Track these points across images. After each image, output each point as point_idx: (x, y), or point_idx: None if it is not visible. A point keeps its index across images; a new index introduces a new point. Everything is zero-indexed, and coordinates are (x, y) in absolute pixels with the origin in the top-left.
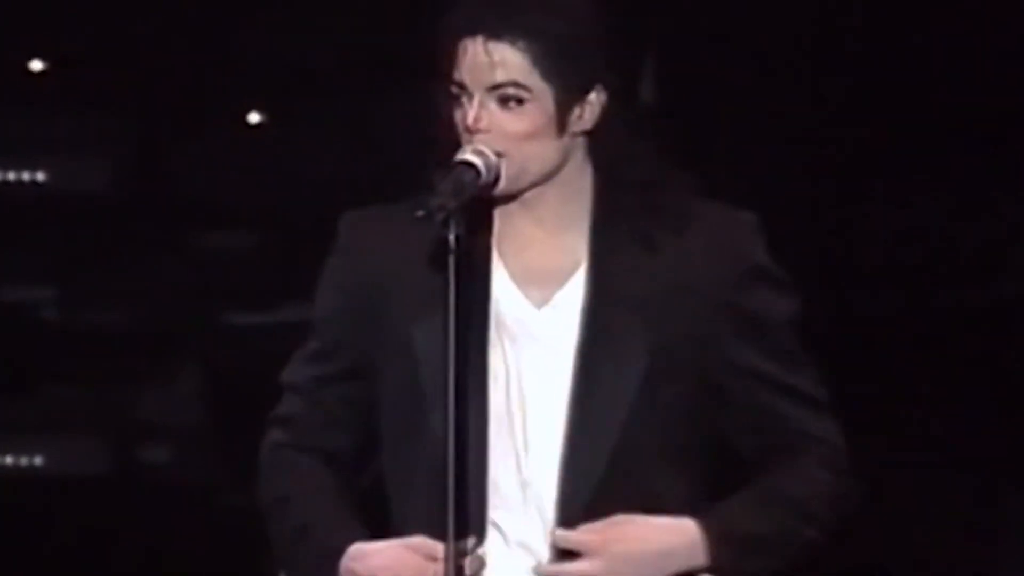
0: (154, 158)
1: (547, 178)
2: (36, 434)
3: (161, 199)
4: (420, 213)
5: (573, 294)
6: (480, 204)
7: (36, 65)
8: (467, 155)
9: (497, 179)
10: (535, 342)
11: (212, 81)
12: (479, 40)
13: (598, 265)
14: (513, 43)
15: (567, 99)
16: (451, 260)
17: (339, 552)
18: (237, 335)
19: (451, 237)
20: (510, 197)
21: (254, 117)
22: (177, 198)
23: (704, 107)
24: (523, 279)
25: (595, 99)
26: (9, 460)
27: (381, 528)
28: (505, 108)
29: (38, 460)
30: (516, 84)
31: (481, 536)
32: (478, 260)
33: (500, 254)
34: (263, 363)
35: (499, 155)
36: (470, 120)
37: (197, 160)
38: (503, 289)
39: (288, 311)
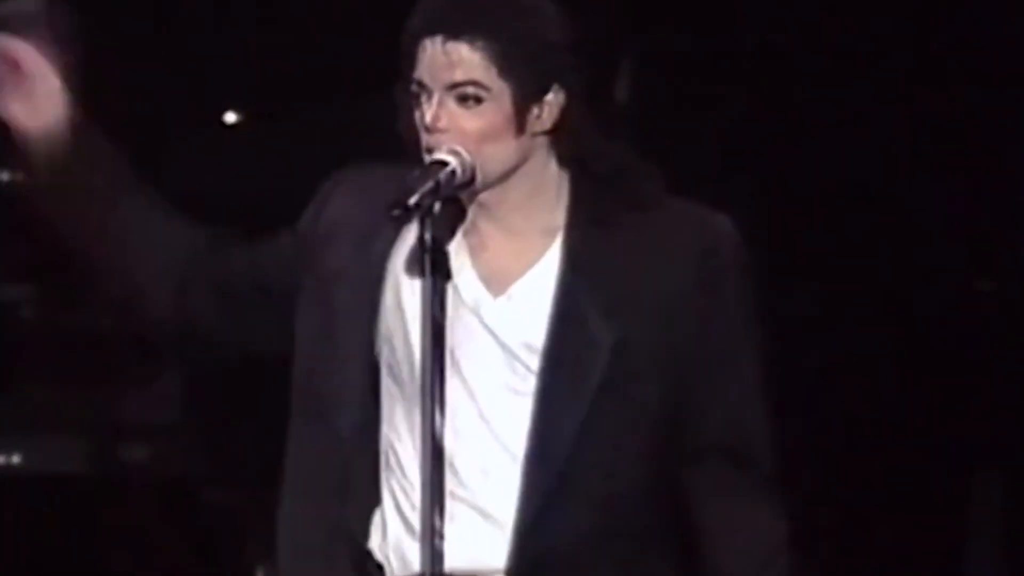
0: (132, 157)
1: (504, 177)
2: (14, 433)
3: None
4: (395, 212)
5: (529, 287)
6: (447, 210)
7: None
8: (443, 154)
9: (473, 178)
10: (486, 331)
11: (190, 81)
12: (438, 40)
13: (567, 259)
14: (471, 42)
15: (525, 99)
16: (426, 259)
17: None
18: None
19: (427, 236)
20: (469, 198)
21: (231, 117)
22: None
23: (680, 108)
24: (486, 274)
25: (553, 99)
26: None
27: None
28: (464, 107)
29: (16, 459)
30: (474, 83)
31: (440, 509)
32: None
33: (468, 249)
34: (243, 362)
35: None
36: (428, 119)
37: (175, 160)
38: (465, 279)
39: None
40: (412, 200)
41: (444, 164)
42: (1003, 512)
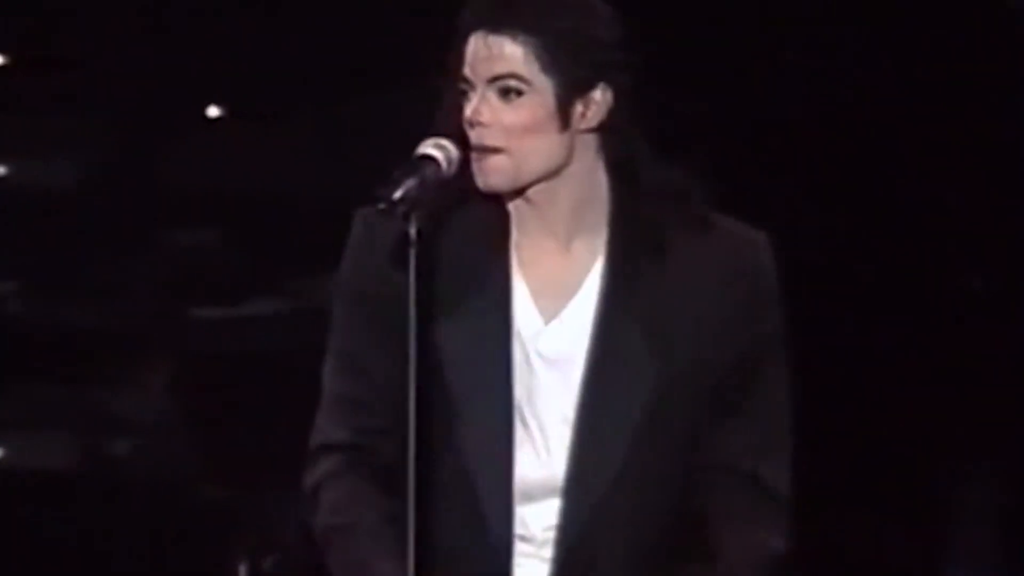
0: (122, 154)
1: (551, 175)
2: (3, 430)
3: (129, 195)
4: (381, 206)
5: (583, 307)
6: (495, 211)
7: None
8: (427, 148)
9: (456, 174)
10: (541, 358)
11: (177, 77)
12: (481, 34)
13: (611, 280)
14: (513, 36)
15: (568, 94)
16: (411, 255)
17: None
18: (206, 330)
19: (412, 231)
20: (518, 195)
21: (214, 111)
22: (145, 194)
23: (694, 104)
24: (538, 290)
25: (600, 97)
26: None
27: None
28: (505, 100)
29: (3, 454)
30: (515, 76)
31: (508, 536)
32: (496, 271)
33: (519, 263)
34: (232, 357)
35: (497, 150)
36: (470, 112)
37: (165, 155)
38: (519, 300)
39: (255, 305)
40: (397, 195)
41: (429, 158)
42: (987, 512)
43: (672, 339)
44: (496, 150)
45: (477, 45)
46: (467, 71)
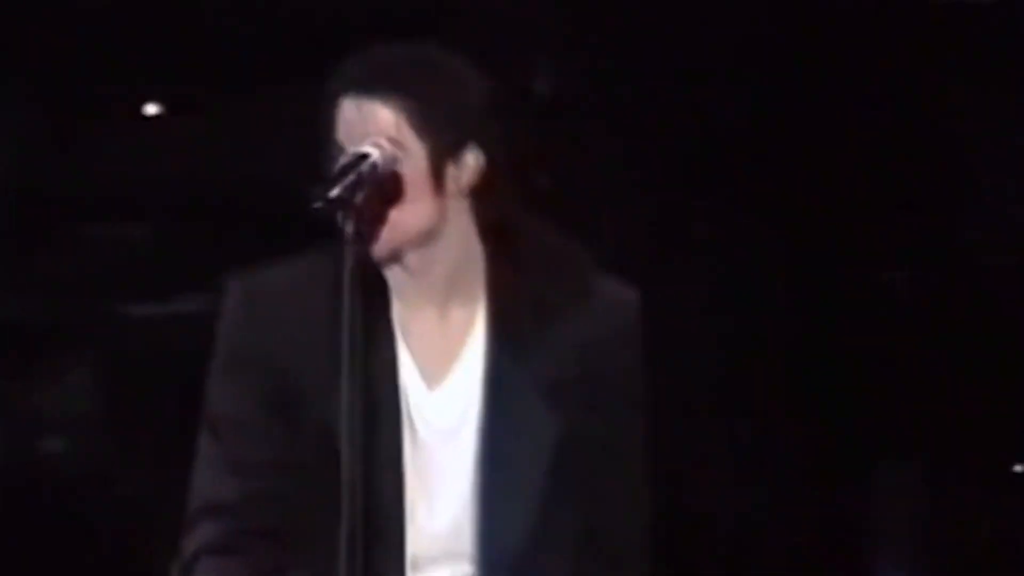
0: (47, 148)
1: (427, 239)
2: None
3: (53, 189)
4: (317, 204)
5: (466, 374)
6: (374, 279)
7: None
8: (364, 146)
9: (395, 176)
10: (428, 426)
11: (107, 70)
12: (353, 99)
13: (497, 346)
14: (385, 100)
15: (441, 157)
16: (347, 252)
17: None
18: (130, 326)
19: (348, 229)
20: (394, 262)
21: (151, 108)
22: (70, 188)
23: (606, 101)
24: (420, 357)
25: (473, 161)
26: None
27: None
28: None
29: None
30: (388, 140)
31: None
32: (381, 338)
33: (400, 330)
34: (156, 354)
35: (395, 144)
36: None
37: (91, 150)
38: (405, 368)
39: (181, 303)
40: (334, 193)
41: (366, 156)
42: (905, 507)
43: (562, 400)
44: (374, 214)
45: (349, 110)
46: (340, 136)
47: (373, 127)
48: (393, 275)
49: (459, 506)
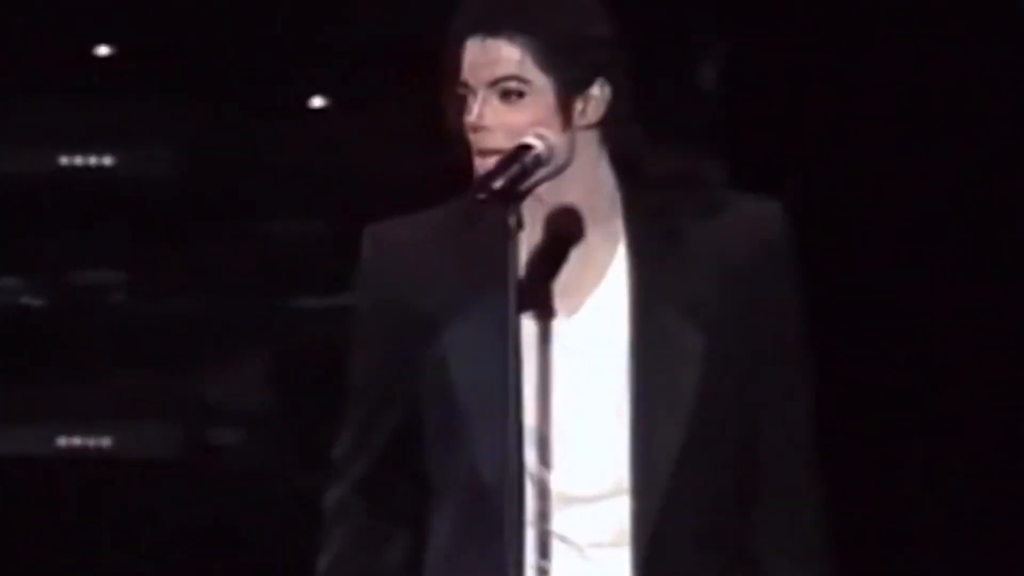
0: (222, 144)
1: (557, 172)
2: (105, 418)
3: (229, 184)
4: (481, 196)
5: (608, 297)
6: (502, 224)
7: (103, 51)
8: (528, 138)
9: (555, 163)
10: (569, 352)
11: (277, 67)
12: (478, 39)
13: (639, 267)
14: (510, 38)
15: (568, 92)
16: (511, 245)
17: None
18: (302, 319)
19: (511, 221)
20: (526, 196)
21: (317, 102)
22: (245, 183)
23: (771, 93)
24: (558, 284)
25: (598, 93)
26: (78, 443)
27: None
28: (507, 102)
29: (106, 443)
30: (515, 78)
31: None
32: (505, 270)
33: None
34: (328, 346)
35: (501, 152)
36: (473, 116)
37: (262, 146)
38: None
39: (351, 295)
40: (497, 184)
41: (529, 148)
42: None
43: (709, 316)
44: (499, 151)
45: (474, 50)
46: (466, 76)
47: (500, 66)
48: (526, 207)
49: (606, 430)
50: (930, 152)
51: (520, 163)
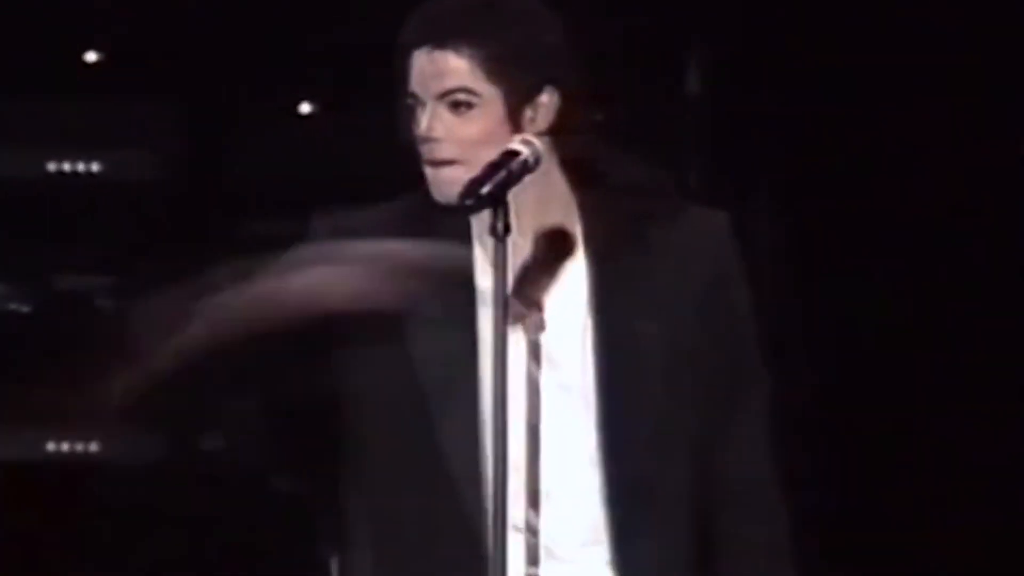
0: (207, 148)
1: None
2: (91, 423)
3: (214, 188)
4: (468, 201)
5: (566, 298)
6: (457, 219)
7: (91, 56)
8: (514, 144)
9: (538, 169)
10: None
11: (263, 71)
12: (425, 50)
13: (600, 268)
14: (457, 50)
15: (516, 101)
16: (499, 249)
17: None
18: None
19: (499, 226)
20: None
21: (305, 107)
22: (229, 187)
23: (752, 98)
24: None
25: (547, 100)
26: (65, 447)
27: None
28: (456, 113)
29: (93, 448)
30: (463, 90)
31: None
32: (463, 271)
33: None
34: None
35: (451, 162)
36: (423, 128)
37: (249, 150)
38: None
39: None
40: (485, 189)
41: (516, 154)
42: None
43: (670, 315)
44: (450, 162)
45: (422, 61)
46: (414, 87)
47: (448, 78)
48: (477, 216)
49: (574, 425)
50: (920, 157)
51: (507, 169)
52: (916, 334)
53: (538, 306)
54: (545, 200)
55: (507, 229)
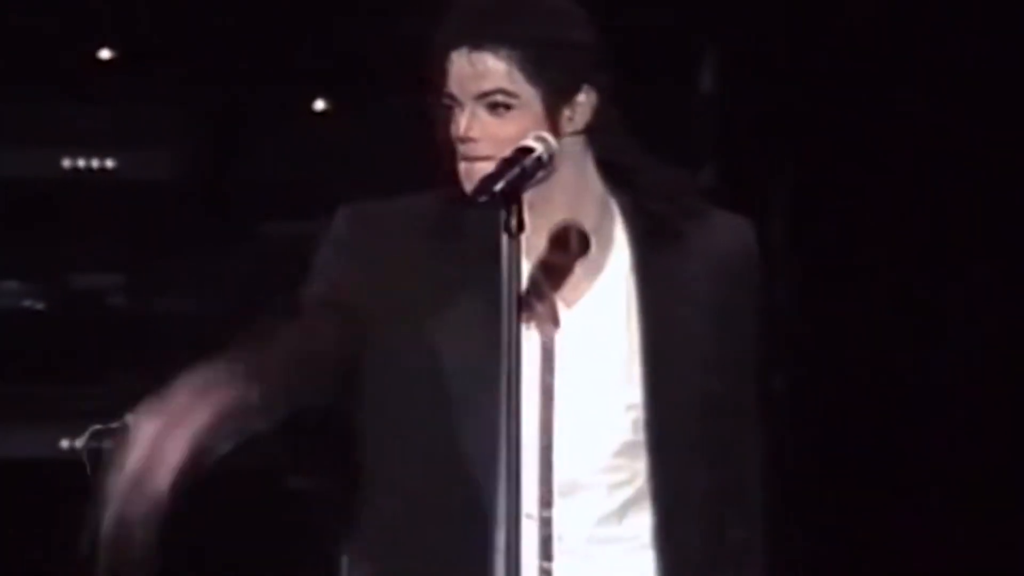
0: (222, 146)
1: (543, 178)
2: (103, 420)
3: (230, 186)
4: (483, 198)
5: (605, 293)
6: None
7: (105, 54)
8: (528, 141)
9: (552, 166)
10: (568, 340)
11: (278, 69)
12: (463, 52)
13: (644, 263)
14: (495, 51)
15: (555, 101)
16: (511, 246)
17: None
18: None
19: (513, 222)
20: None
21: (319, 105)
22: (245, 185)
23: (765, 97)
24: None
25: (585, 100)
26: (79, 445)
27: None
28: (495, 114)
29: (108, 445)
30: (502, 91)
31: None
32: (497, 270)
33: (528, 262)
34: None
35: (488, 158)
36: (462, 130)
37: (264, 147)
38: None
39: None
40: (498, 186)
41: (530, 151)
42: None
43: (711, 308)
44: (487, 158)
45: (460, 63)
46: (452, 88)
47: (486, 80)
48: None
49: (604, 414)
50: (938, 155)
51: (521, 166)
52: (928, 332)
53: (552, 303)
54: (579, 199)
55: (521, 226)
